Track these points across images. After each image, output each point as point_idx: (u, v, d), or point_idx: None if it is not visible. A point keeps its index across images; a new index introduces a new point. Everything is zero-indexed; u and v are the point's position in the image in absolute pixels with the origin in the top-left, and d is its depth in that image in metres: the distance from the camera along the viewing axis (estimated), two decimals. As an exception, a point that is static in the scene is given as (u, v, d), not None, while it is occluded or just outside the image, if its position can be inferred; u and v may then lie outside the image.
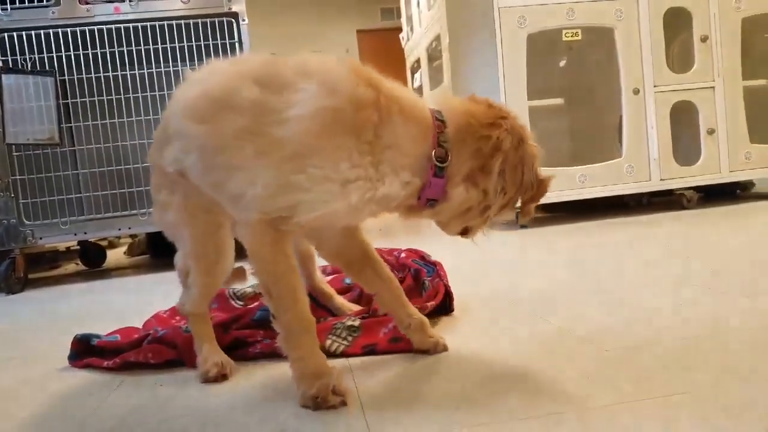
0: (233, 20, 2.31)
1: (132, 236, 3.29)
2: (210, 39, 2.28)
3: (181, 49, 2.27)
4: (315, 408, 0.73)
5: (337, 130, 0.71)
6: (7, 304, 2.01)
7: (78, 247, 3.05)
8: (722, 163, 2.55)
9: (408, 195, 0.77)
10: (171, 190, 0.89)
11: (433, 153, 0.75)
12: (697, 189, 2.57)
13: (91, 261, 2.98)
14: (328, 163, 0.71)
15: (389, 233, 1.39)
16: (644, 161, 2.51)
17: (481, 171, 0.76)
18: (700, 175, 2.53)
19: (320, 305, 1.12)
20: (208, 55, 2.29)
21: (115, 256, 3.39)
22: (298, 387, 0.76)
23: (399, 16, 5.48)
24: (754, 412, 0.60)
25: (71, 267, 3.10)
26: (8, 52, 2.18)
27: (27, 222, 2.23)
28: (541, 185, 0.81)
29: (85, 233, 2.30)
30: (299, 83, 0.73)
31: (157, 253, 3.08)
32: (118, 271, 2.71)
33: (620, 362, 0.78)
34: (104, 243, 3.31)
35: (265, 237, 0.75)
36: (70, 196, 2.27)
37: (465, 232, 0.86)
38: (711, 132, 2.53)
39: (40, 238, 2.24)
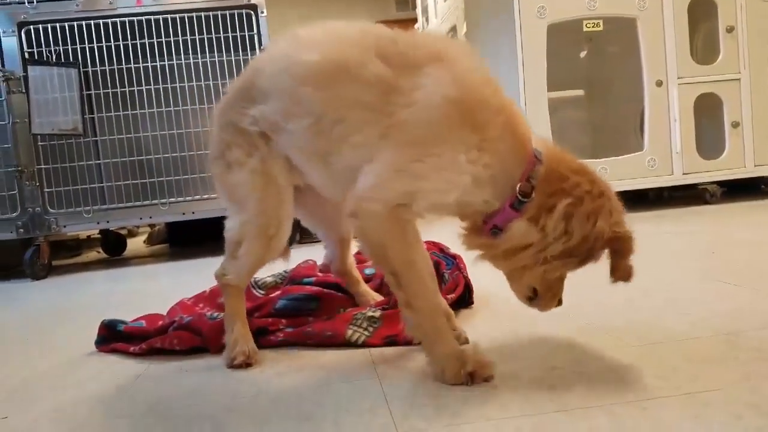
0: (252, 12, 2.32)
1: (151, 225, 3.34)
2: (230, 31, 2.30)
3: (201, 41, 2.29)
4: (470, 382, 0.73)
5: (461, 123, 0.72)
6: (33, 289, 2.07)
7: (99, 236, 3.12)
8: (747, 157, 2.49)
9: (481, 211, 0.77)
10: (247, 151, 0.86)
11: (519, 185, 0.74)
12: (720, 183, 2.52)
13: (112, 249, 3.04)
14: (448, 153, 0.71)
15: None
16: (667, 155, 2.46)
17: (548, 210, 0.74)
18: (724, 169, 2.48)
19: (344, 291, 1.13)
20: (227, 47, 2.31)
21: (135, 245, 3.45)
22: (445, 367, 0.75)
23: (414, 6, 5.44)
24: (786, 410, 0.59)
25: (92, 255, 3.16)
26: (34, 44, 2.22)
27: (51, 210, 2.28)
28: (620, 240, 0.73)
29: (108, 222, 2.35)
30: (427, 66, 0.73)
31: (176, 242, 3.13)
32: (138, 259, 2.76)
33: (647, 357, 0.78)
34: (123, 232, 3.37)
35: (395, 229, 0.74)
36: (93, 185, 2.31)
37: (532, 298, 0.83)
38: (736, 125, 2.47)
39: (64, 226, 2.29)
